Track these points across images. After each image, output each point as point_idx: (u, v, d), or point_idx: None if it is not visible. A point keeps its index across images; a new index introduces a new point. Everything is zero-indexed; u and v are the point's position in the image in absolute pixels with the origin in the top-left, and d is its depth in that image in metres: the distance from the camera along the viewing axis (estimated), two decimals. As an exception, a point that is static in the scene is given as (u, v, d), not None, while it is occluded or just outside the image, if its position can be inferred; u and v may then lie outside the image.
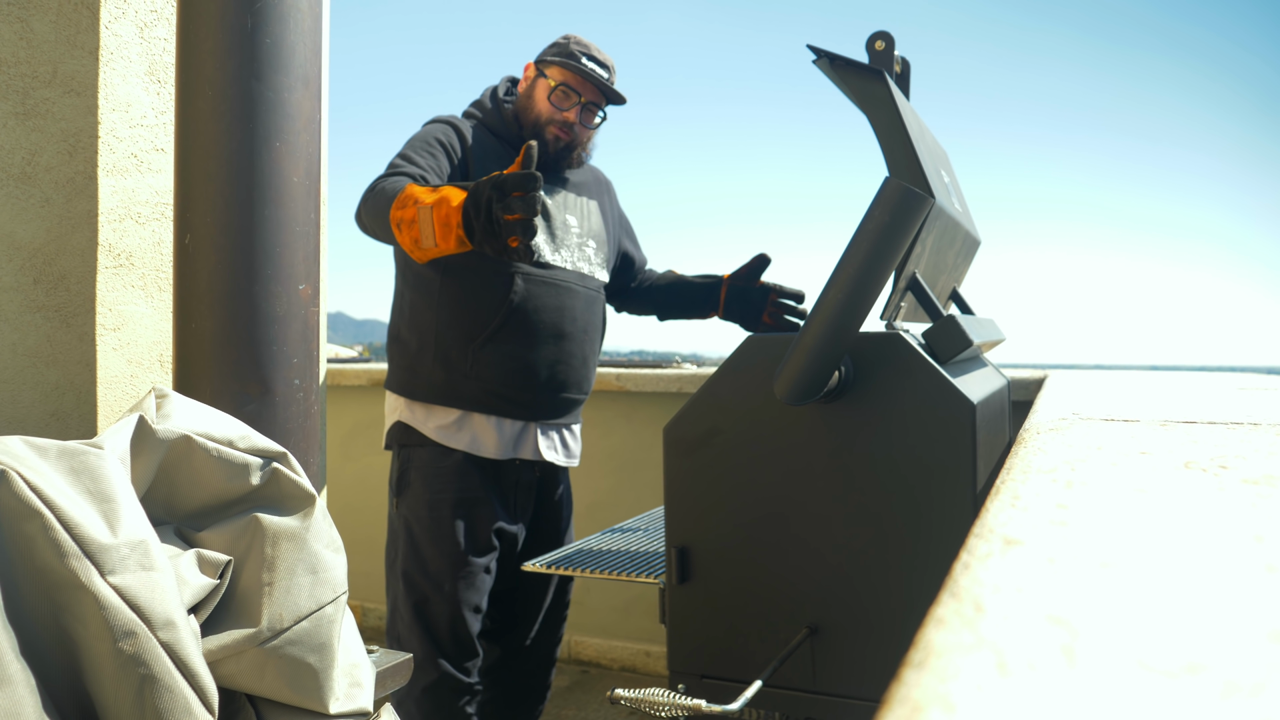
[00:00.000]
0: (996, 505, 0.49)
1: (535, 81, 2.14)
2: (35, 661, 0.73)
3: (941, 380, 1.28)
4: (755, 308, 2.27)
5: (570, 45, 2.14)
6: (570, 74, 2.11)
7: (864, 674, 1.32)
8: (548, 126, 2.12)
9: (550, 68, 2.12)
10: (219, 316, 1.05)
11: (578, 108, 2.13)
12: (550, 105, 2.11)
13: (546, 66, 2.13)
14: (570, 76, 2.11)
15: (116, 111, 1.18)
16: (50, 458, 0.78)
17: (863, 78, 1.63)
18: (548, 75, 2.12)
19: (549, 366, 2.07)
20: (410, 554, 2.01)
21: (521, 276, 2.02)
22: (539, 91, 2.13)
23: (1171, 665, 0.25)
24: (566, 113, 2.11)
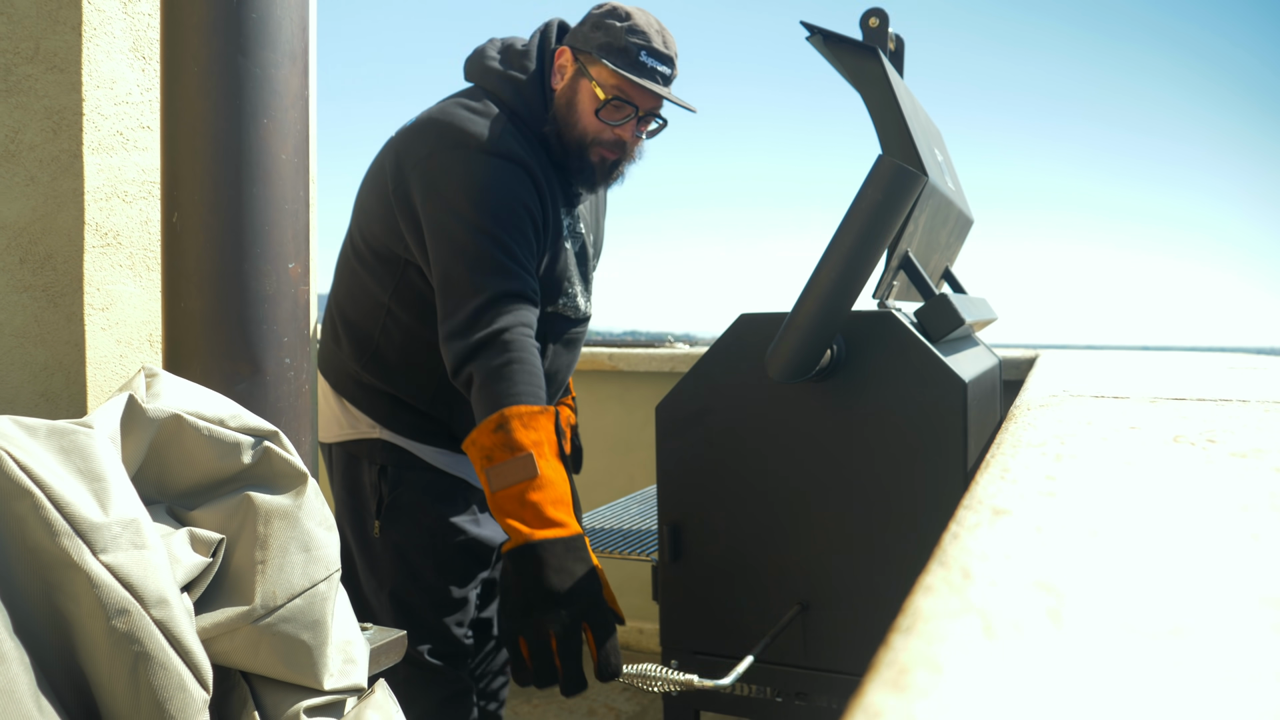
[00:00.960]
0: (986, 478, 0.49)
1: (577, 83, 1.67)
2: (29, 640, 0.73)
3: (933, 359, 1.28)
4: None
5: (625, 35, 1.62)
6: (626, 84, 1.64)
7: (855, 649, 1.33)
8: (593, 147, 1.68)
9: (597, 67, 1.65)
10: (208, 296, 1.05)
11: (633, 121, 1.68)
12: (597, 120, 1.66)
13: (592, 64, 1.65)
14: (626, 85, 1.64)
15: (101, 88, 1.17)
16: (40, 437, 0.78)
17: (856, 55, 1.62)
18: (594, 77, 1.65)
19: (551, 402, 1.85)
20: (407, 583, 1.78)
21: (554, 339, 1.77)
22: (583, 100, 1.67)
23: (1156, 628, 0.25)
24: (619, 129, 1.68)
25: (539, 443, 1.41)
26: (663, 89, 1.66)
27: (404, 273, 1.72)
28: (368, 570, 1.84)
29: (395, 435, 1.79)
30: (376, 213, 1.73)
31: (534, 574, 1.34)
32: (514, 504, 1.39)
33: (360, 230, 1.79)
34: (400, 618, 1.78)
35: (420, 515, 1.78)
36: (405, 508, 1.78)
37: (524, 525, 1.37)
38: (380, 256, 1.74)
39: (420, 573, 1.78)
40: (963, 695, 0.21)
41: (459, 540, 1.80)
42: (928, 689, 0.21)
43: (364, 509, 1.82)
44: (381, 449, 1.80)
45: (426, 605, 1.79)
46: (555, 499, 1.39)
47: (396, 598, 1.79)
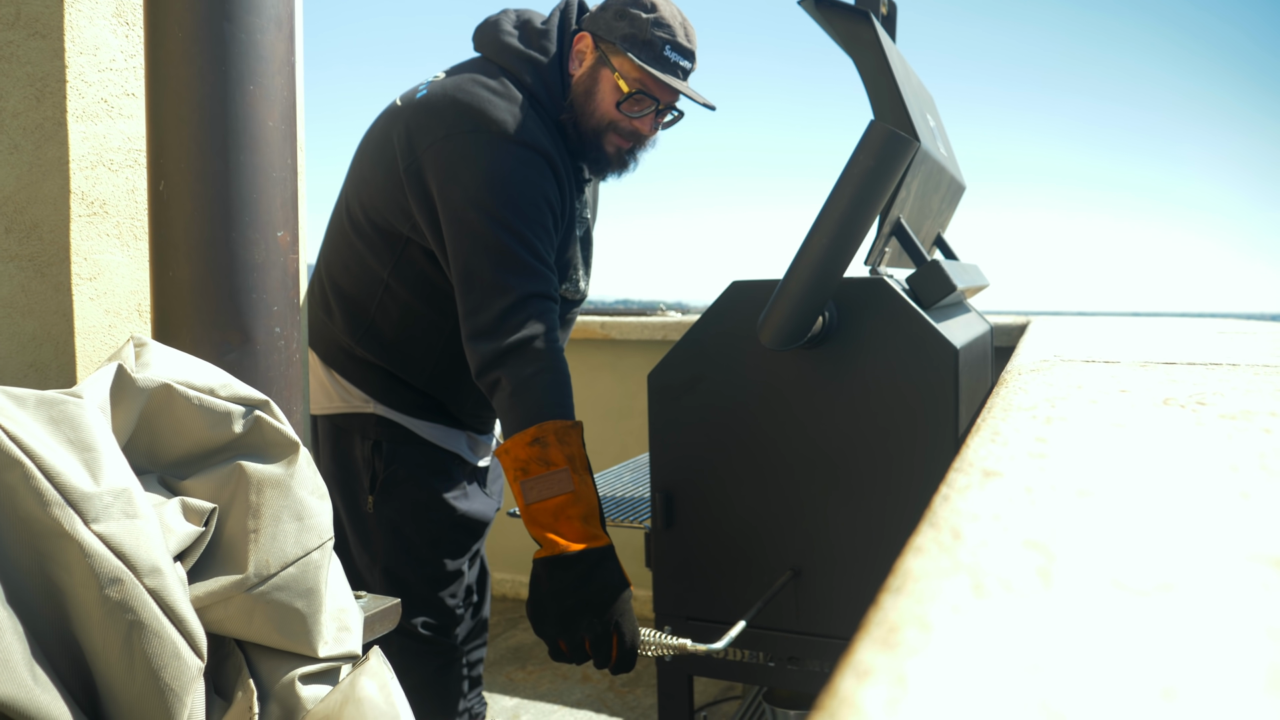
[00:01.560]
0: (977, 441, 0.49)
1: (598, 72, 1.66)
2: (22, 610, 0.73)
3: (925, 325, 1.28)
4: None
5: (650, 28, 1.61)
6: (649, 79, 1.63)
7: (846, 614, 1.34)
8: (608, 134, 1.68)
9: (620, 58, 1.63)
10: (196, 265, 1.04)
11: (653, 115, 1.69)
12: (618, 111, 1.66)
13: (614, 54, 1.64)
14: (649, 80, 1.64)
15: (84, 55, 1.16)
16: (29, 407, 0.77)
17: (848, 19, 1.61)
18: (616, 68, 1.64)
19: None
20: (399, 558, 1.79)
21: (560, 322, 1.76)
22: (604, 90, 1.66)
23: (1145, 584, 0.25)
24: (638, 122, 1.68)
25: (573, 457, 1.45)
26: (685, 85, 1.65)
27: (405, 250, 1.69)
28: (360, 545, 1.83)
29: (389, 410, 1.78)
30: (380, 185, 1.69)
31: (573, 585, 1.42)
32: (550, 517, 1.44)
33: (359, 200, 1.74)
34: (395, 592, 1.78)
35: (415, 490, 1.78)
36: (400, 483, 1.77)
37: (561, 539, 1.43)
38: (380, 230, 1.70)
39: (415, 548, 1.78)
40: (952, 652, 0.21)
41: (453, 515, 1.80)
42: (917, 647, 0.22)
43: (356, 484, 1.81)
44: (375, 424, 1.78)
45: (421, 579, 1.79)
46: (588, 513, 1.45)
47: (391, 573, 1.79)
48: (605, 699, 2.72)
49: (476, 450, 1.88)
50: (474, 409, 1.83)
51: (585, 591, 1.42)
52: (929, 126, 1.75)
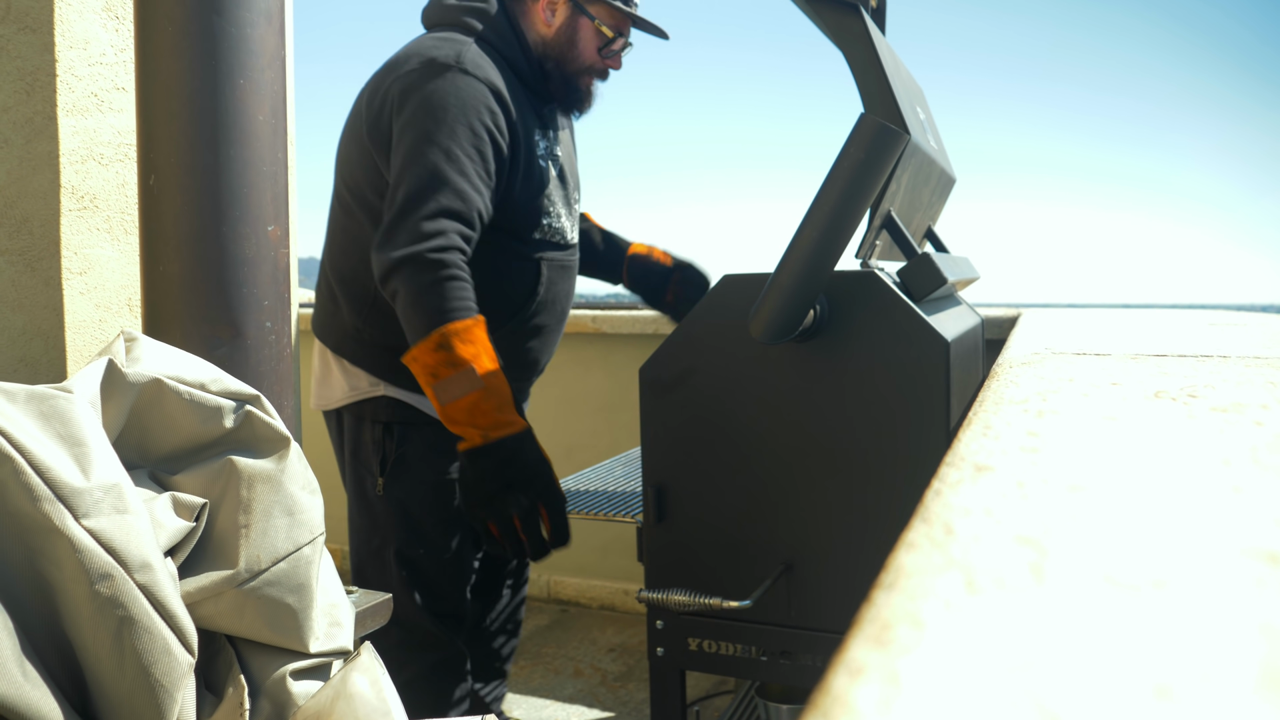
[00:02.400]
0: (968, 435, 0.50)
1: (576, 20, 1.79)
2: (12, 606, 0.73)
3: (916, 318, 1.28)
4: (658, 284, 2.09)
5: None
6: (622, 19, 1.82)
7: (839, 608, 1.34)
8: (585, 74, 1.83)
9: (597, 7, 1.80)
10: (187, 259, 1.03)
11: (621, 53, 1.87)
12: (598, 55, 1.82)
13: (591, 4, 1.80)
14: (622, 21, 1.82)
15: (74, 49, 1.15)
16: (19, 402, 0.77)
17: (838, 11, 1.60)
18: (595, 17, 1.79)
19: (548, 351, 1.94)
20: (409, 538, 1.82)
21: (548, 264, 1.82)
22: (584, 36, 1.80)
23: (1138, 580, 0.25)
24: (610, 61, 1.84)
25: (478, 354, 1.53)
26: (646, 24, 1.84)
27: None
28: (370, 530, 1.86)
29: (397, 389, 1.81)
30: (356, 159, 1.75)
31: (494, 469, 1.53)
32: (465, 414, 1.53)
33: (345, 183, 1.79)
34: (405, 575, 1.81)
35: (425, 470, 1.81)
36: (410, 463, 1.81)
37: (477, 430, 1.53)
38: (365, 205, 1.75)
39: (422, 528, 1.81)
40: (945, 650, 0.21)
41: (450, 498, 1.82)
42: (910, 644, 0.22)
43: (365, 469, 1.85)
44: (385, 405, 1.82)
45: (429, 560, 1.82)
46: (500, 403, 1.54)
47: (401, 555, 1.81)
48: (597, 694, 2.73)
49: None
50: None
51: (507, 473, 1.52)
52: (919, 119, 1.75)
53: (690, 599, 1.32)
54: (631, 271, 2.14)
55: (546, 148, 1.82)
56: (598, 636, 3.15)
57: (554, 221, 1.82)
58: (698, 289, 2.10)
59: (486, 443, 1.53)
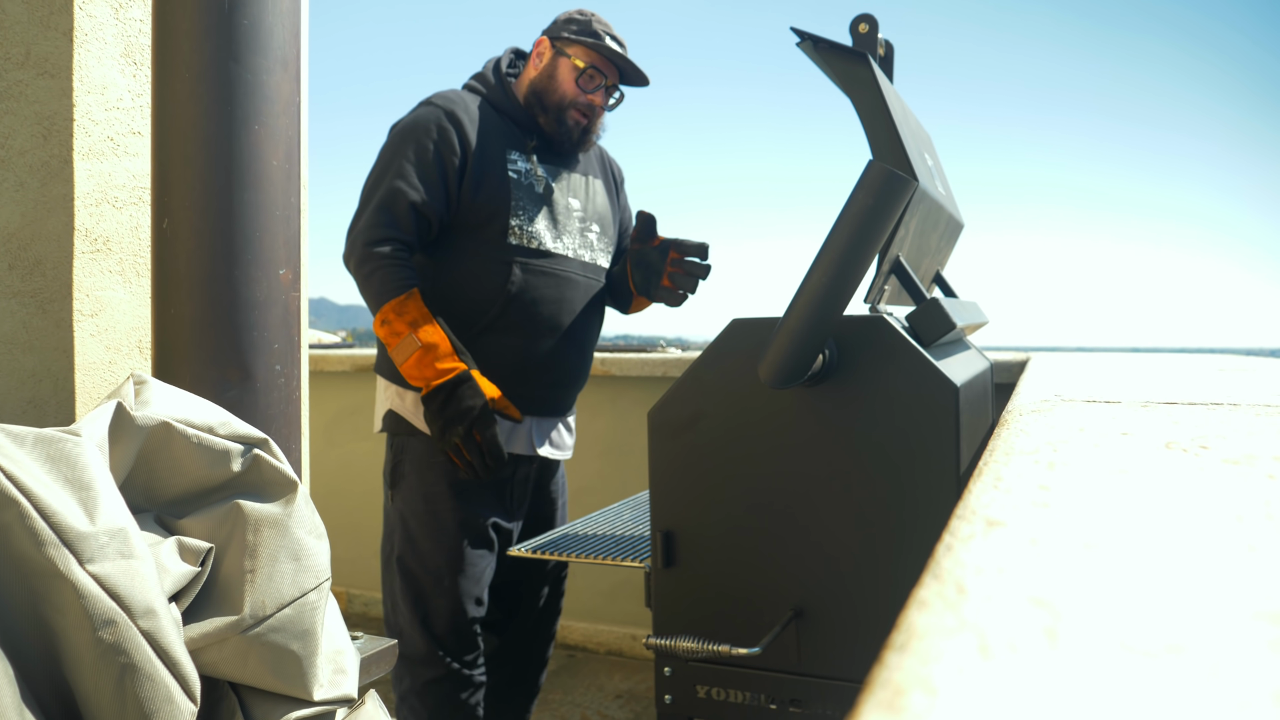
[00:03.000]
0: (979, 487, 0.49)
1: (556, 60, 2.05)
2: (13, 652, 0.72)
3: (925, 363, 1.28)
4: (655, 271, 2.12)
5: (593, 24, 2.06)
6: (597, 56, 2.04)
7: (848, 655, 1.32)
8: (569, 110, 2.04)
9: (573, 47, 2.04)
10: (198, 302, 1.04)
11: (603, 90, 2.06)
12: (576, 88, 2.03)
13: (568, 45, 2.04)
14: (598, 59, 2.04)
15: (92, 94, 1.17)
16: (27, 445, 0.77)
17: (846, 60, 1.62)
18: (570, 55, 2.03)
19: (546, 360, 2.01)
20: (407, 547, 1.98)
21: (520, 265, 1.97)
22: (563, 72, 2.04)
23: (1153, 646, 0.25)
24: (592, 95, 2.04)
25: (414, 320, 1.86)
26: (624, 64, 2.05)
27: None
28: (386, 538, 2.05)
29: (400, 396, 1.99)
30: None
31: (437, 409, 1.84)
32: (414, 369, 1.85)
33: None
34: (404, 584, 1.98)
35: (417, 482, 1.98)
36: (406, 474, 1.99)
37: (424, 380, 1.85)
38: None
39: (416, 540, 1.97)
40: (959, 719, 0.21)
41: (447, 505, 1.96)
42: (923, 713, 0.21)
43: (386, 480, 2.05)
44: (393, 419, 2.02)
45: (423, 573, 1.96)
46: (441, 355, 1.85)
47: (402, 563, 1.99)
48: (604, 739, 2.69)
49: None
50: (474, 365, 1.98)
51: (447, 410, 1.83)
52: (927, 166, 1.76)
53: (699, 645, 1.31)
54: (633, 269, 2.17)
55: (527, 169, 2.04)
56: (605, 683, 3.11)
57: (525, 226, 1.99)
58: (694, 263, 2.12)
59: (430, 389, 1.84)
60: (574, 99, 2.04)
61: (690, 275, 2.10)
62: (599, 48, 2.01)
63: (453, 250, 1.97)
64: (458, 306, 1.96)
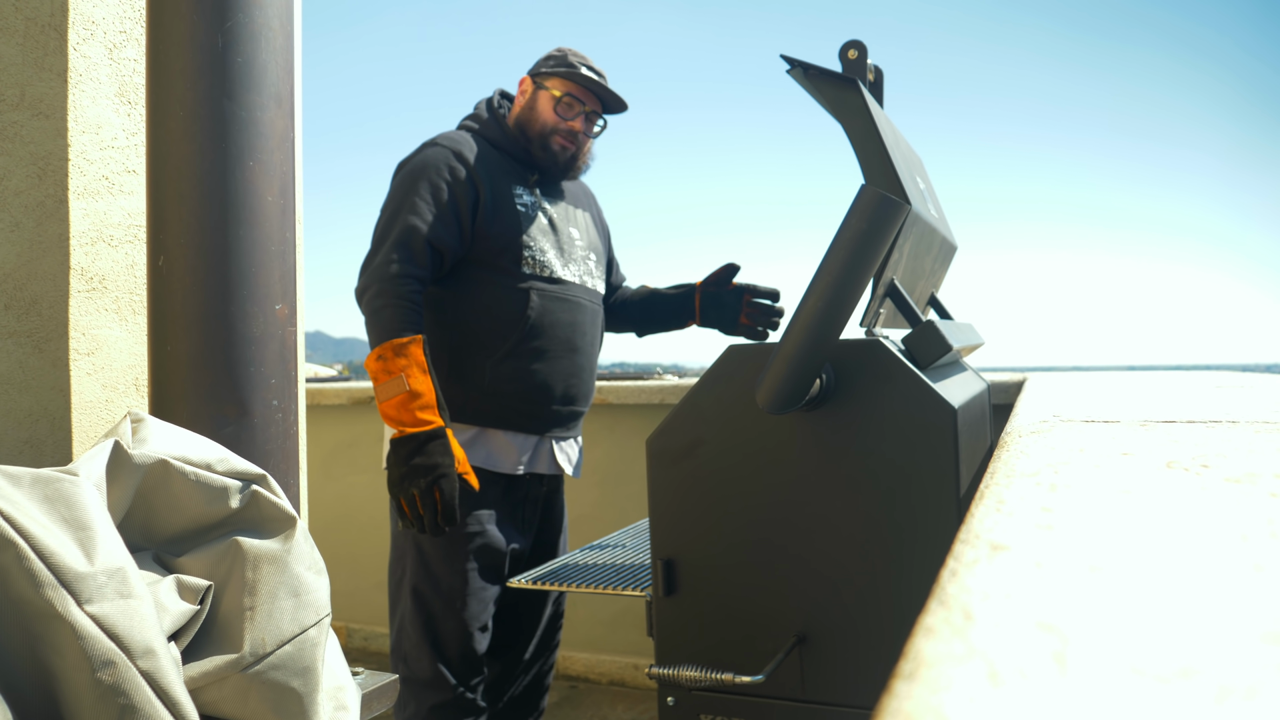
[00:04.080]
0: (981, 510, 0.49)
1: (536, 94, 2.17)
2: (12, 695, 0.72)
3: (922, 386, 1.28)
4: (731, 310, 2.31)
5: (568, 57, 2.18)
6: (573, 84, 2.15)
7: (852, 682, 1.31)
8: (553, 136, 2.15)
9: (550, 80, 2.16)
10: (194, 339, 1.04)
11: (582, 116, 2.17)
12: (555, 115, 2.14)
13: (545, 79, 2.16)
14: (573, 86, 2.15)
15: (86, 134, 1.17)
16: (24, 486, 0.77)
17: (837, 86, 1.63)
18: (548, 87, 2.15)
19: (563, 380, 2.10)
20: (421, 572, 2.01)
21: (537, 292, 2.07)
22: (542, 103, 2.16)
23: (1164, 670, 0.25)
24: (572, 122, 2.15)
25: (408, 366, 1.88)
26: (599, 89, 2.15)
27: None
28: (396, 562, 2.07)
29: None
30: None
31: (405, 456, 1.86)
32: (392, 410, 1.88)
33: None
34: (415, 608, 2.00)
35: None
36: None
37: (400, 425, 1.87)
38: None
39: (430, 565, 1.99)
40: (970, 745, 0.21)
41: (465, 534, 1.98)
42: (935, 741, 0.21)
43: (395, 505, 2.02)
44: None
45: (435, 596, 1.98)
46: (423, 405, 1.88)
47: (414, 590, 2.00)
48: (607, 771, 2.66)
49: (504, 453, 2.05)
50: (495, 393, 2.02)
51: (414, 459, 1.85)
52: (919, 189, 1.77)
53: (702, 674, 1.31)
54: (704, 305, 2.36)
55: (532, 202, 2.14)
56: (608, 713, 3.08)
57: (538, 255, 2.09)
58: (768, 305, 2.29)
59: (403, 435, 1.86)
60: (555, 126, 2.15)
61: (766, 314, 2.27)
62: (573, 76, 2.13)
63: (470, 282, 2.05)
64: (480, 335, 2.03)
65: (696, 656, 1.41)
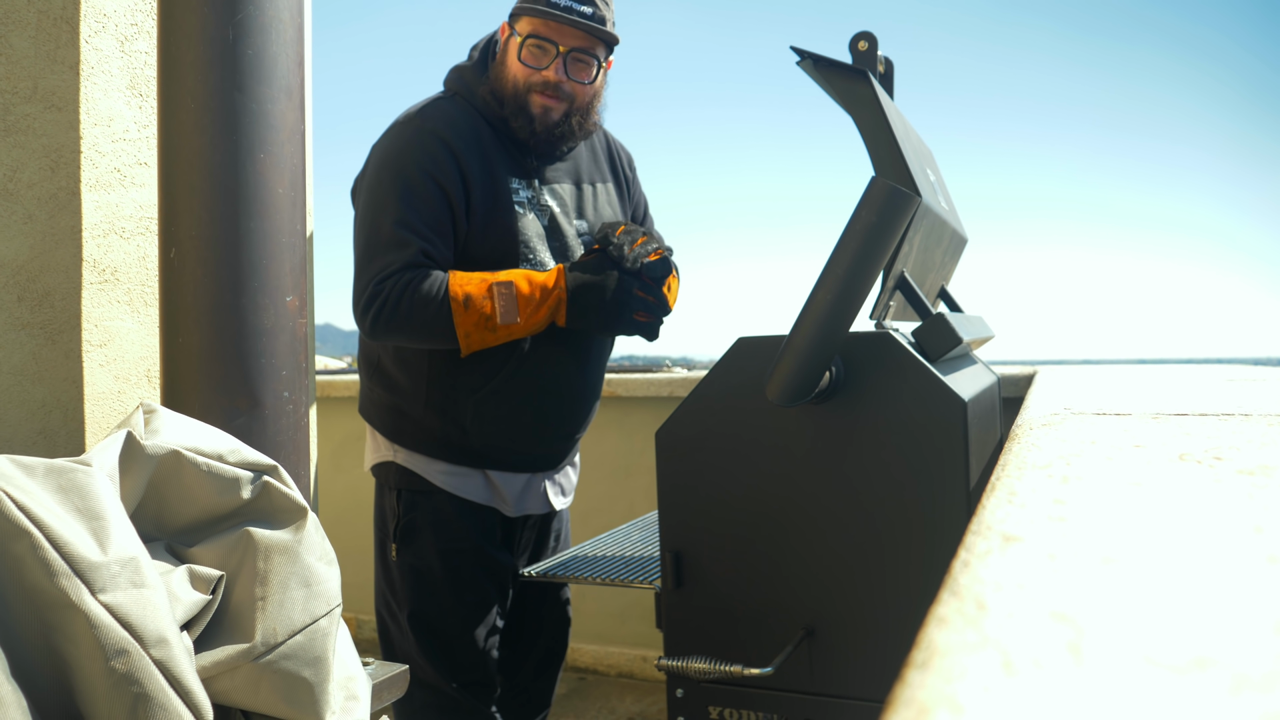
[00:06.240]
0: (993, 502, 0.49)
1: (508, 42, 1.75)
2: (26, 683, 0.72)
3: (932, 378, 1.28)
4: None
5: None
6: (539, 20, 1.70)
7: (861, 674, 1.31)
8: (529, 94, 1.72)
9: (520, 20, 1.72)
10: (206, 330, 1.04)
11: (559, 60, 1.71)
12: (523, 66, 1.71)
13: (516, 20, 1.73)
14: (539, 24, 1.70)
15: (98, 126, 1.18)
16: (38, 476, 0.77)
17: (846, 78, 1.63)
18: (517, 30, 1.73)
19: (556, 415, 1.86)
20: (424, 602, 1.82)
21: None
22: (510, 52, 1.73)
23: (1179, 660, 0.25)
24: (545, 71, 1.71)
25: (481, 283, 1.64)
26: (575, 19, 1.70)
27: None
28: (388, 592, 1.87)
29: (405, 452, 1.83)
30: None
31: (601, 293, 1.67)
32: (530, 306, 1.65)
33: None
34: (420, 639, 1.81)
35: (433, 538, 1.81)
36: (420, 530, 1.82)
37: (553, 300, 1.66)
38: None
39: (436, 594, 1.81)
40: (984, 734, 0.21)
41: (470, 561, 1.82)
42: (949, 729, 0.21)
43: (384, 532, 1.87)
44: (396, 472, 1.84)
45: (443, 624, 1.82)
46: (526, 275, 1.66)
47: (416, 618, 1.82)
48: (616, 763, 2.67)
49: (498, 493, 1.85)
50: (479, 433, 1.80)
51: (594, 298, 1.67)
52: (929, 181, 1.76)
53: (710, 666, 1.31)
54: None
55: (531, 197, 1.80)
56: (616, 705, 3.09)
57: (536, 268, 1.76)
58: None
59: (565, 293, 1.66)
60: (527, 80, 1.72)
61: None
62: (539, 10, 1.69)
63: None
64: (460, 370, 1.76)
65: (705, 648, 1.41)
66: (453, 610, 1.81)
